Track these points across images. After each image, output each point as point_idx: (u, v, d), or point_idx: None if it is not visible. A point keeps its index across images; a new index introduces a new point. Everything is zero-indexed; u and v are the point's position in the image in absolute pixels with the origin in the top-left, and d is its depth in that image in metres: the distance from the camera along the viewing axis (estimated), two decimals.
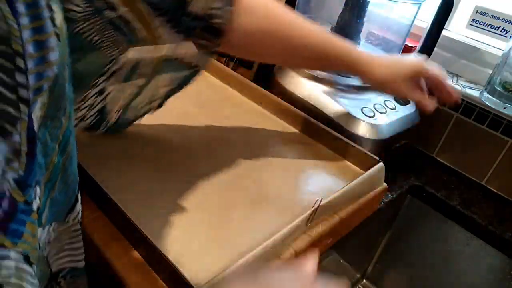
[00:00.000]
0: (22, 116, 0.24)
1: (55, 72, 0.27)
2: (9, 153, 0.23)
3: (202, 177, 0.55)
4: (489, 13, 0.76)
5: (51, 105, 0.27)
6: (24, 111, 0.24)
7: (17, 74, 0.23)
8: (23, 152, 0.24)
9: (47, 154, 0.29)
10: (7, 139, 0.23)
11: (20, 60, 0.23)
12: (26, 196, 0.24)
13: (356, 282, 0.86)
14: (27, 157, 0.24)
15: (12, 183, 0.23)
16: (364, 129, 0.65)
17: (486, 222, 0.68)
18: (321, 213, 0.49)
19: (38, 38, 0.25)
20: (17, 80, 0.23)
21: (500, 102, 0.69)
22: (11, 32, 0.23)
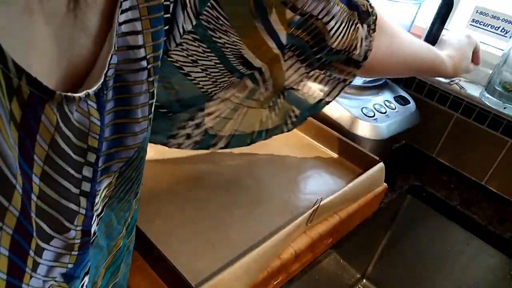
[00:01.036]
0: (80, 210, 0.23)
1: (130, 155, 0.26)
2: (61, 249, 0.22)
3: (202, 177, 0.55)
4: (489, 13, 0.76)
5: (119, 186, 0.26)
6: (83, 205, 0.23)
7: (84, 168, 0.22)
8: (76, 246, 0.23)
9: (112, 237, 0.27)
10: (63, 235, 0.22)
11: (91, 155, 0.22)
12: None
13: (356, 282, 0.86)
14: (79, 250, 0.23)
15: (59, 277, 0.22)
16: (364, 129, 0.65)
17: (486, 222, 0.68)
18: (321, 213, 0.49)
19: (120, 122, 0.24)
20: (83, 174, 0.22)
21: (500, 102, 0.69)
22: (91, 128, 0.22)
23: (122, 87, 0.24)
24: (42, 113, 0.18)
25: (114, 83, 0.23)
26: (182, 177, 0.54)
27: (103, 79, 0.22)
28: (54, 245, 0.21)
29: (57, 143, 0.20)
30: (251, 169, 0.58)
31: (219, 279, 0.38)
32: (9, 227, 0.17)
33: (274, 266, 0.44)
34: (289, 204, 0.53)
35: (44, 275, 0.21)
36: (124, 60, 0.24)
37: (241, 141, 0.50)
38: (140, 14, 0.24)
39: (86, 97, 0.21)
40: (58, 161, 0.20)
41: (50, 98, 0.18)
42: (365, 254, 0.83)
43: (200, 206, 0.50)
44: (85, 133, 0.21)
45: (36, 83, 0.17)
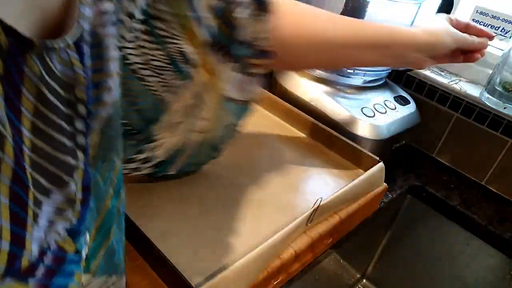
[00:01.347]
0: (79, 164, 0.22)
1: (108, 112, 0.26)
2: (63, 203, 0.22)
3: (202, 177, 0.55)
4: (489, 13, 0.76)
5: (102, 145, 0.26)
6: (81, 159, 0.23)
7: (76, 121, 0.22)
8: (77, 200, 0.23)
9: (99, 197, 0.27)
10: (63, 189, 0.22)
11: (81, 107, 0.22)
12: (77, 245, 0.23)
13: (356, 282, 0.86)
14: (81, 205, 0.23)
15: (63, 233, 0.22)
16: (364, 129, 0.65)
17: (486, 222, 0.68)
18: (321, 213, 0.49)
19: (97, 77, 0.24)
20: (76, 127, 0.22)
21: (500, 102, 0.69)
22: (77, 79, 0.22)
23: (97, 42, 0.24)
24: (24, 64, 0.18)
25: (90, 37, 0.24)
26: (182, 178, 0.54)
27: (81, 29, 0.22)
28: (54, 198, 0.21)
29: (45, 95, 0.20)
30: (251, 169, 0.58)
31: (219, 279, 0.38)
32: (6, 177, 0.18)
33: (274, 266, 0.44)
34: (289, 204, 0.53)
35: (46, 228, 0.21)
36: (98, 14, 0.24)
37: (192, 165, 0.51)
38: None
39: (66, 47, 0.21)
40: (48, 114, 0.20)
41: (29, 48, 0.18)
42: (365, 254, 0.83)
43: (200, 206, 0.50)
44: (71, 85, 0.22)
45: (12, 31, 0.17)
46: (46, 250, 0.21)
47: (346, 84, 0.72)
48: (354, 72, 0.71)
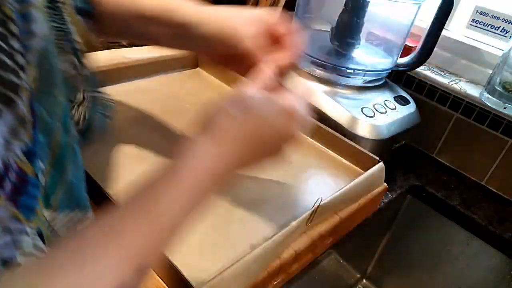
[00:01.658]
0: (23, 83, 0.22)
1: (41, 45, 0.26)
2: (15, 123, 0.22)
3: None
4: (489, 13, 0.76)
5: (42, 79, 0.26)
6: (24, 78, 0.23)
7: (11, 39, 0.22)
8: (28, 121, 0.23)
9: (48, 131, 0.27)
10: (13, 108, 0.22)
11: (12, 25, 0.22)
12: (35, 168, 0.23)
13: (356, 282, 0.86)
14: (32, 127, 0.23)
15: (20, 154, 0.22)
16: (364, 129, 0.65)
17: (486, 222, 0.68)
18: (321, 213, 0.49)
19: (24, 10, 0.24)
20: (12, 46, 0.22)
21: (500, 102, 0.69)
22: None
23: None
24: None
25: None
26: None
27: None
28: (6, 118, 0.21)
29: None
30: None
31: (219, 279, 0.38)
32: None
33: (274, 266, 0.44)
34: (289, 204, 0.53)
35: (3, 146, 0.21)
36: None
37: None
38: None
39: None
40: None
41: None
42: (365, 254, 0.83)
43: None
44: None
45: None
46: (9, 166, 0.21)
47: (346, 84, 0.72)
48: (354, 72, 0.71)
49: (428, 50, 0.72)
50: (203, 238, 0.45)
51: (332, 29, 0.74)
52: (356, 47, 0.74)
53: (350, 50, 0.74)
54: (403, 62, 0.76)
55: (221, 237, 0.46)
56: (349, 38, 0.73)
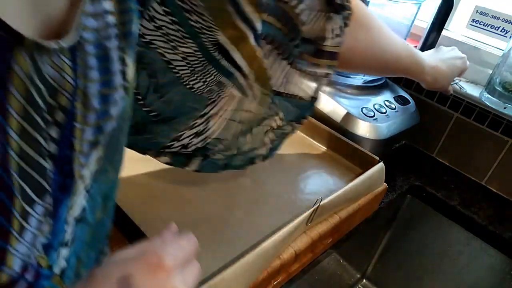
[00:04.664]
0: (50, 172, 0.21)
1: (113, 126, 0.25)
2: (42, 216, 0.21)
3: (202, 177, 0.54)
4: (489, 13, 0.76)
5: (106, 157, 0.26)
6: (51, 169, 0.21)
7: (51, 128, 0.21)
8: (50, 213, 0.22)
9: (95, 211, 0.27)
10: (43, 199, 0.21)
11: (60, 114, 0.21)
12: (49, 260, 0.22)
13: (356, 282, 0.86)
14: (53, 219, 0.22)
15: (40, 248, 0.21)
16: (364, 129, 0.65)
17: (486, 222, 0.68)
18: (321, 213, 0.49)
19: (104, 92, 0.24)
20: (50, 134, 0.21)
21: (500, 102, 0.69)
22: (63, 85, 0.21)
23: (104, 56, 0.24)
24: (13, 60, 0.18)
25: (97, 50, 0.23)
26: (182, 178, 0.54)
27: (79, 36, 0.21)
28: (37, 210, 0.20)
29: (33, 96, 0.19)
30: (251, 169, 0.58)
31: (219, 279, 0.38)
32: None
33: (274, 266, 0.44)
34: (289, 204, 0.53)
35: (30, 243, 0.20)
36: (103, 26, 0.24)
37: (238, 164, 0.49)
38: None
39: (60, 51, 0.20)
40: (35, 117, 0.19)
41: (19, 43, 0.18)
42: (365, 254, 0.83)
43: (200, 206, 0.50)
44: (55, 89, 0.21)
45: (3, 25, 0.17)
46: (28, 266, 0.20)
47: (346, 84, 0.72)
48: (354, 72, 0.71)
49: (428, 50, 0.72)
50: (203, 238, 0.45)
51: None
52: None
53: None
54: None
55: (221, 237, 0.46)
56: None
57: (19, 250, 0.19)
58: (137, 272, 0.24)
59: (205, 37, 0.37)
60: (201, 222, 0.48)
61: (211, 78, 0.40)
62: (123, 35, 0.26)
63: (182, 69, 0.38)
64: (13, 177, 0.18)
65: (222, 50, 0.38)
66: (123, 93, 0.26)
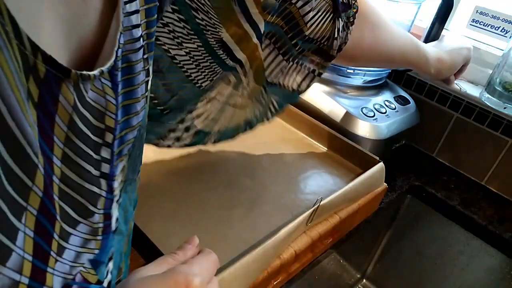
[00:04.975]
0: (102, 193, 0.22)
1: (135, 135, 0.26)
2: (88, 234, 0.21)
3: (202, 177, 0.55)
4: (489, 13, 0.76)
5: (129, 168, 0.26)
6: (104, 187, 0.22)
7: (103, 149, 0.22)
8: (99, 230, 0.22)
9: (127, 220, 0.27)
10: (88, 220, 0.21)
11: (109, 135, 0.22)
12: (99, 275, 0.23)
13: (356, 282, 0.86)
14: (102, 234, 0.23)
15: (87, 263, 0.22)
16: (364, 129, 0.65)
17: (486, 222, 0.68)
18: (321, 213, 0.49)
19: (127, 103, 0.24)
20: (101, 155, 0.22)
21: (500, 102, 0.69)
22: (108, 107, 0.22)
23: (128, 68, 0.24)
24: (59, 92, 0.18)
25: (121, 64, 0.24)
26: (182, 177, 0.54)
27: (115, 57, 0.22)
28: (81, 230, 0.21)
29: (76, 123, 0.19)
30: (250, 169, 0.58)
31: (219, 279, 0.38)
32: (33, 207, 0.17)
33: (274, 266, 0.44)
34: (289, 204, 0.53)
35: (72, 261, 0.20)
36: (129, 40, 0.24)
37: (228, 137, 0.51)
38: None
39: (100, 75, 0.20)
40: (77, 142, 0.20)
41: (66, 77, 0.18)
42: (365, 254, 0.83)
43: (200, 206, 0.50)
44: (102, 113, 0.21)
45: (51, 61, 0.17)
46: (71, 284, 0.20)
47: (346, 84, 0.72)
48: (354, 72, 0.71)
49: None
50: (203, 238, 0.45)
51: None
52: None
53: None
54: None
55: (221, 237, 0.46)
56: None
57: (59, 270, 0.19)
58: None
59: (209, 34, 0.37)
60: (201, 221, 0.48)
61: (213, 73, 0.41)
62: (147, 45, 0.26)
63: (186, 63, 0.39)
64: (55, 202, 0.19)
65: (226, 48, 0.39)
66: (144, 102, 0.27)
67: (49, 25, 0.19)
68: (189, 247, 0.32)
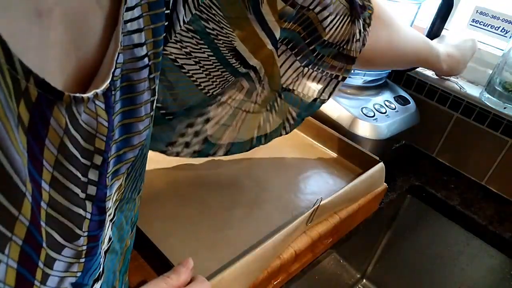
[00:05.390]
0: (86, 215, 0.22)
1: (135, 154, 0.25)
2: (72, 258, 0.21)
3: (202, 177, 0.55)
4: (489, 13, 0.76)
5: (127, 187, 0.26)
6: (89, 209, 0.22)
7: (90, 171, 0.21)
8: (83, 253, 0.22)
9: (122, 239, 0.27)
10: (73, 243, 0.21)
11: (98, 157, 0.22)
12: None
13: (356, 282, 0.86)
14: (86, 257, 0.22)
15: (69, 287, 0.21)
16: (364, 129, 0.65)
17: (486, 222, 0.68)
18: (321, 213, 0.49)
19: (127, 122, 0.24)
20: (89, 177, 0.21)
21: (500, 102, 0.69)
22: (98, 129, 0.21)
23: (128, 87, 0.24)
24: (51, 115, 0.18)
25: (121, 83, 0.23)
26: (182, 178, 0.54)
27: (111, 78, 0.21)
28: (65, 254, 0.20)
29: (66, 146, 0.19)
30: (251, 169, 0.58)
31: (219, 279, 0.38)
32: (19, 237, 0.17)
33: (274, 266, 0.44)
34: (289, 204, 0.53)
35: (55, 287, 0.20)
36: (130, 59, 0.23)
37: (241, 148, 0.50)
38: (141, 11, 0.24)
39: (94, 97, 0.20)
40: (67, 165, 0.19)
41: (58, 100, 0.18)
42: (365, 254, 0.83)
43: (200, 206, 0.50)
44: (92, 135, 0.21)
45: (44, 84, 0.17)
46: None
47: (346, 84, 0.72)
48: (354, 72, 0.71)
49: None
50: (203, 238, 0.45)
51: None
52: None
53: None
54: None
55: (221, 237, 0.46)
56: None
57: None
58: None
59: (221, 43, 0.37)
60: (201, 221, 0.48)
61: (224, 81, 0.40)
62: (154, 65, 0.26)
63: (195, 73, 0.38)
64: (41, 228, 0.18)
65: (239, 56, 0.38)
66: (148, 122, 0.26)
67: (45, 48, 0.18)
68: (183, 271, 0.32)
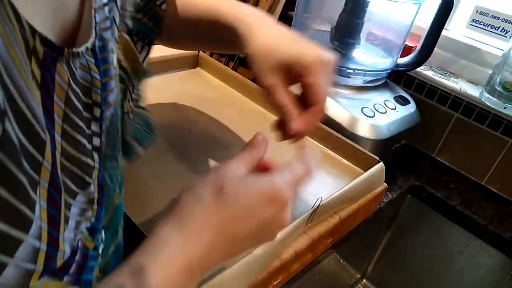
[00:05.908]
0: (95, 164, 0.23)
1: (111, 112, 0.27)
2: (85, 204, 0.23)
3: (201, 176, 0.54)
4: (489, 13, 0.76)
5: (108, 144, 0.27)
6: (96, 159, 0.24)
7: (93, 123, 0.23)
8: (95, 200, 0.24)
9: (108, 196, 0.28)
10: (85, 191, 0.22)
11: (97, 110, 0.23)
12: (96, 242, 0.24)
13: (356, 282, 0.86)
14: (98, 204, 0.24)
15: (85, 231, 0.23)
16: (364, 129, 0.65)
17: (486, 222, 0.68)
18: (321, 213, 0.49)
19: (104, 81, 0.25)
20: (92, 130, 0.23)
21: (500, 102, 0.69)
22: (93, 83, 0.23)
23: (103, 46, 0.25)
24: (55, 72, 0.19)
25: (99, 41, 0.24)
26: (182, 178, 0.54)
27: (95, 34, 0.23)
28: (79, 200, 0.22)
29: (71, 100, 0.21)
30: None
31: (219, 279, 0.38)
32: (45, 181, 0.18)
33: (274, 266, 0.44)
34: None
35: (74, 228, 0.21)
36: (103, 19, 0.25)
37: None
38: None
39: (86, 52, 0.22)
40: (73, 118, 0.21)
41: (60, 56, 0.19)
42: (365, 254, 0.83)
43: None
44: (88, 89, 0.22)
45: (46, 42, 0.18)
46: (77, 248, 0.22)
47: (346, 84, 0.72)
48: (354, 72, 0.71)
49: (428, 50, 0.72)
50: None
51: (332, 29, 0.74)
52: (356, 47, 0.74)
53: (350, 50, 0.74)
54: (403, 62, 0.76)
55: None
56: (349, 38, 0.73)
57: (67, 236, 0.21)
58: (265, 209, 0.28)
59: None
60: None
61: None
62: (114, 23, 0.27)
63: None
64: (59, 175, 0.20)
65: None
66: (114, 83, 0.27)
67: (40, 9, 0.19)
68: (263, 143, 0.33)
